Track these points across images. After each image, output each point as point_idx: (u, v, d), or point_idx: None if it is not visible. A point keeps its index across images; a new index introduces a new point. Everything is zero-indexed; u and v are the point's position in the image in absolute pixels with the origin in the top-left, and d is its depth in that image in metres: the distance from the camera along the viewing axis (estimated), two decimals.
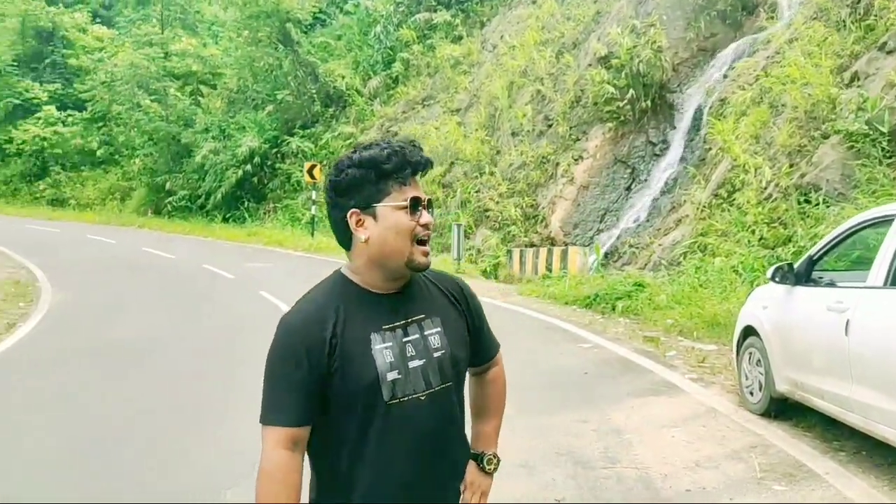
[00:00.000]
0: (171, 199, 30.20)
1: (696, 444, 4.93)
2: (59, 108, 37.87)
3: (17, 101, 37.97)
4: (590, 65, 19.24)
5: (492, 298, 12.24)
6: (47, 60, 40.23)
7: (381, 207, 1.68)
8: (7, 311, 10.42)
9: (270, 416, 1.65)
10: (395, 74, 27.42)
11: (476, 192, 19.40)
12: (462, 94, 23.88)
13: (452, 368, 1.78)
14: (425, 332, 1.76)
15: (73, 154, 37.02)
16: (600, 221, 17.41)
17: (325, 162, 26.65)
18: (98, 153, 36.11)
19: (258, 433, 1.64)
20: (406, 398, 1.70)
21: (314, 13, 30.74)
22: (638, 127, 18.14)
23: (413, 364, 1.71)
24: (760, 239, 11.26)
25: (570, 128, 18.86)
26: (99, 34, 42.49)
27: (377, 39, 28.47)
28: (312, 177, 22.93)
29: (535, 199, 18.16)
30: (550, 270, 14.23)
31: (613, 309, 10.56)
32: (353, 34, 30.26)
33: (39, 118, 37.27)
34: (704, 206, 13.84)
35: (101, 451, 4.92)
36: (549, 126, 19.50)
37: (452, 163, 21.11)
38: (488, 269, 16.76)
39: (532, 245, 17.01)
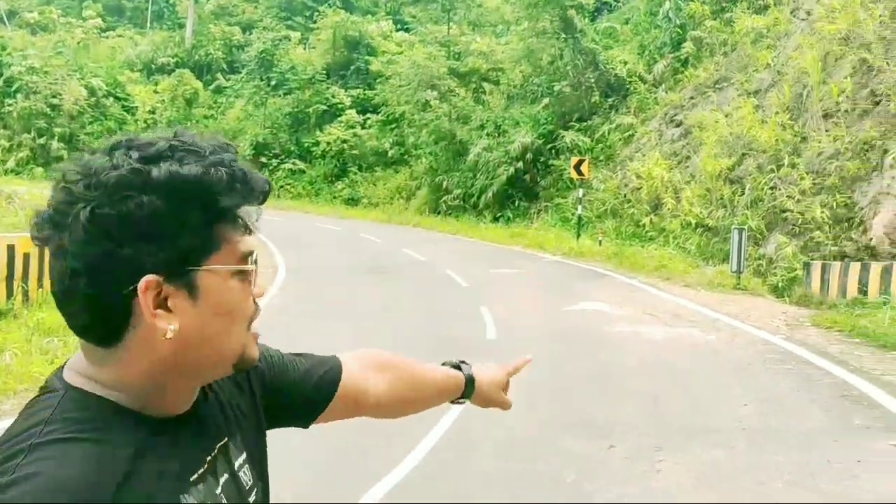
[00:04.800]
0: (446, 197, 29.98)
1: None
2: (359, 112, 40.00)
3: (324, 107, 40.86)
4: None
5: (771, 332, 9.06)
6: (352, 67, 42.86)
7: (206, 273, 0.90)
8: None
9: None
10: (683, 56, 24.30)
11: (771, 188, 15.76)
12: (762, 72, 20.08)
13: None
14: (234, 467, 1.05)
15: (369, 155, 38.77)
16: None
17: (600, 157, 24.45)
18: (390, 153, 37.38)
19: None
20: None
21: None
22: None
23: None
24: None
25: None
26: (399, 40, 44.45)
27: (666, 18, 25.53)
28: (580, 173, 20.82)
29: (850, 197, 14.13)
30: (865, 294, 10.49)
31: None
32: (640, 16, 27.67)
33: (342, 122, 39.67)
34: None
35: None
36: (877, 103, 15.24)
37: (744, 154, 17.58)
38: (780, 284, 13.26)
39: (844, 256, 13.12)
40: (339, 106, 40.70)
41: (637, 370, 7.18)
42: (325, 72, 42.53)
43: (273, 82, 42.68)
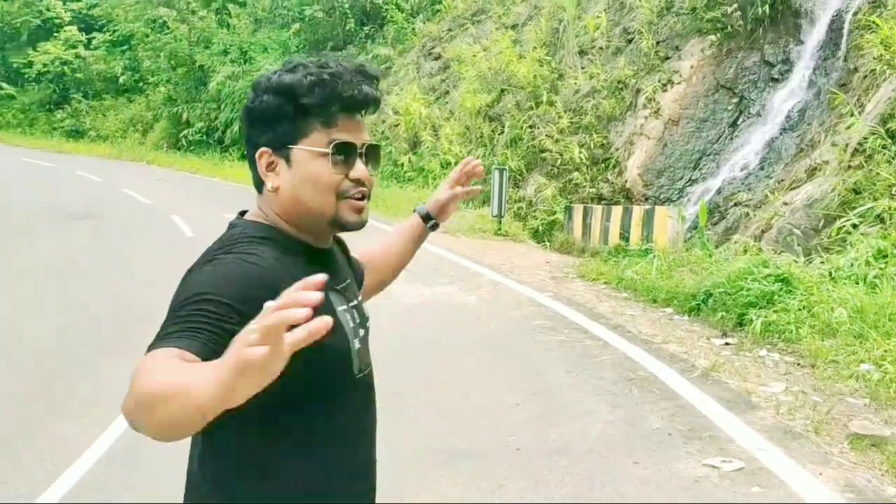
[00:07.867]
0: (187, 131, 26.66)
1: None
2: (81, 30, 34.49)
3: (37, 21, 34.75)
4: None
5: (537, 289, 7.99)
6: None
7: (298, 151, 1.36)
8: None
9: None
10: None
11: (530, 127, 15.03)
12: (520, 5, 19.41)
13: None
14: (358, 299, 1.52)
15: (96, 80, 33.74)
16: (694, 168, 13.20)
17: None
18: (121, 79, 32.72)
19: None
20: (366, 372, 1.46)
21: None
22: (750, 42, 13.70)
23: (361, 333, 1.45)
24: None
25: (657, 43, 14.33)
26: None
27: None
28: None
29: (606, 137, 13.73)
30: (627, 240, 9.90)
31: (741, 324, 6.17)
32: None
33: (60, 40, 34.01)
34: (857, 150, 9.62)
35: None
36: (630, 41, 14.96)
37: (503, 90, 16.74)
38: (541, 228, 12.56)
39: (601, 199, 12.69)
40: (56, 21, 34.86)
41: (383, 352, 5.67)
42: None
43: None
